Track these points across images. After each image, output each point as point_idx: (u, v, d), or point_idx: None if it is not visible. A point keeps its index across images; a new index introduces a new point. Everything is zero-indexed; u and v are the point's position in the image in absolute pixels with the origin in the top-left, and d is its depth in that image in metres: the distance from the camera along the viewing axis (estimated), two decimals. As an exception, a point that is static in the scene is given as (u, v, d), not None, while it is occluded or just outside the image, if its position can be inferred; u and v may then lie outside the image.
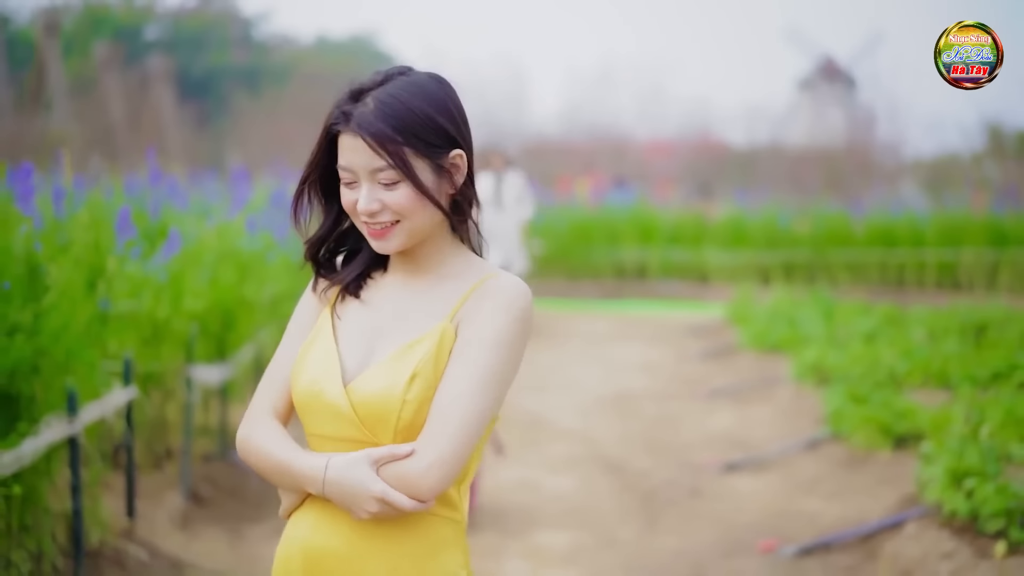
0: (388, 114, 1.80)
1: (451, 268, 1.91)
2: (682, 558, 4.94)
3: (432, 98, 1.83)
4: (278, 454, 1.84)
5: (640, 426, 7.65)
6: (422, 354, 1.81)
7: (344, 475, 1.76)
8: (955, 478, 4.66)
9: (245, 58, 40.75)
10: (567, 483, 6.18)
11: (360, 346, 1.88)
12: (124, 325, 4.81)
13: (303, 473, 1.80)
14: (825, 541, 4.98)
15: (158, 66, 30.37)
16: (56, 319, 3.72)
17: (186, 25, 40.74)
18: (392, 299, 1.92)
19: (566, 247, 16.71)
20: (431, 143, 1.82)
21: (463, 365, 1.80)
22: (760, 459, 6.53)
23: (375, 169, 1.80)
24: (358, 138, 1.80)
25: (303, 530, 1.86)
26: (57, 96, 25.02)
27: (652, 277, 16.66)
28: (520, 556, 4.90)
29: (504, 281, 1.86)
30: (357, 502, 1.76)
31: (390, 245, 1.86)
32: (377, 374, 1.82)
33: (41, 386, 3.73)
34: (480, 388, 1.79)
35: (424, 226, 1.86)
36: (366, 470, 1.75)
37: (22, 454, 3.38)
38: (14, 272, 3.71)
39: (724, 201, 20.85)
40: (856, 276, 15.93)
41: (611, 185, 23.71)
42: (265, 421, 1.89)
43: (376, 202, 1.82)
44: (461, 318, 1.84)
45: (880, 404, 6.46)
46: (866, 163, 25.15)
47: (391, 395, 1.79)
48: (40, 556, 3.74)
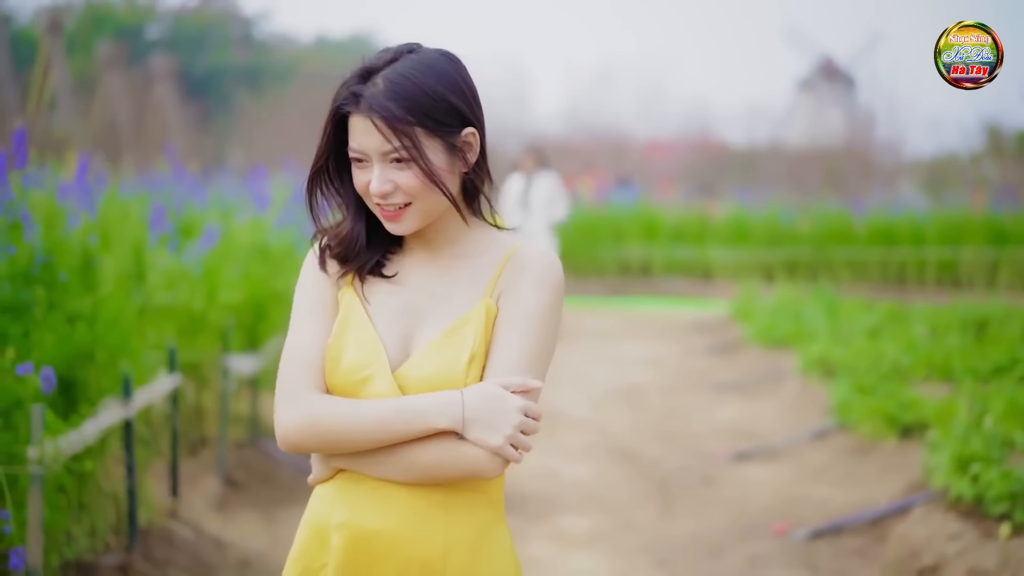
0: (399, 94, 1.77)
1: (473, 244, 1.90)
2: (699, 540, 5.15)
3: (443, 76, 1.81)
4: (382, 406, 1.76)
5: (650, 417, 7.86)
6: (473, 334, 1.80)
7: (483, 394, 1.75)
8: (960, 463, 4.86)
9: (246, 57, 40.91)
10: (584, 470, 6.39)
11: (397, 329, 1.85)
12: (162, 316, 5.02)
13: (432, 405, 1.75)
14: (836, 524, 5.19)
15: (161, 65, 30.52)
16: (111, 308, 3.92)
17: (187, 24, 40.89)
18: (421, 278, 1.89)
19: (572, 245, 16.92)
20: (443, 122, 1.80)
21: (513, 341, 1.80)
22: (769, 448, 6.74)
23: (385, 151, 1.78)
24: (368, 120, 1.77)
25: (343, 510, 1.81)
26: (61, 95, 25.20)
27: (656, 274, 16.88)
28: (544, 538, 5.11)
29: (533, 253, 1.87)
30: (502, 417, 1.73)
31: (403, 227, 1.84)
32: (428, 357, 1.80)
33: (95, 372, 3.92)
34: (531, 363, 1.80)
35: (437, 207, 1.84)
36: (502, 390, 1.75)
37: (85, 435, 3.58)
38: (70, 264, 3.91)
39: (725, 200, 21.06)
40: (857, 274, 16.15)
41: (613, 184, 23.91)
42: (322, 396, 1.81)
43: (388, 183, 1.80)
44: (500, 292, 1.84)
45: (886, 395, 6.67)
46: (865, 163, 25.31)
47: (451, 378, 1.78)
48: (93, 533, 3.95)
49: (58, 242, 3.86)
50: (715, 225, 17.28)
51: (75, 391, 3.83)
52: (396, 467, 1.77)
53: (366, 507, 1.79)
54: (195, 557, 4.20)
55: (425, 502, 1.78)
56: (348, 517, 1.79)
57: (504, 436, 1.73)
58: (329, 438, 1.78)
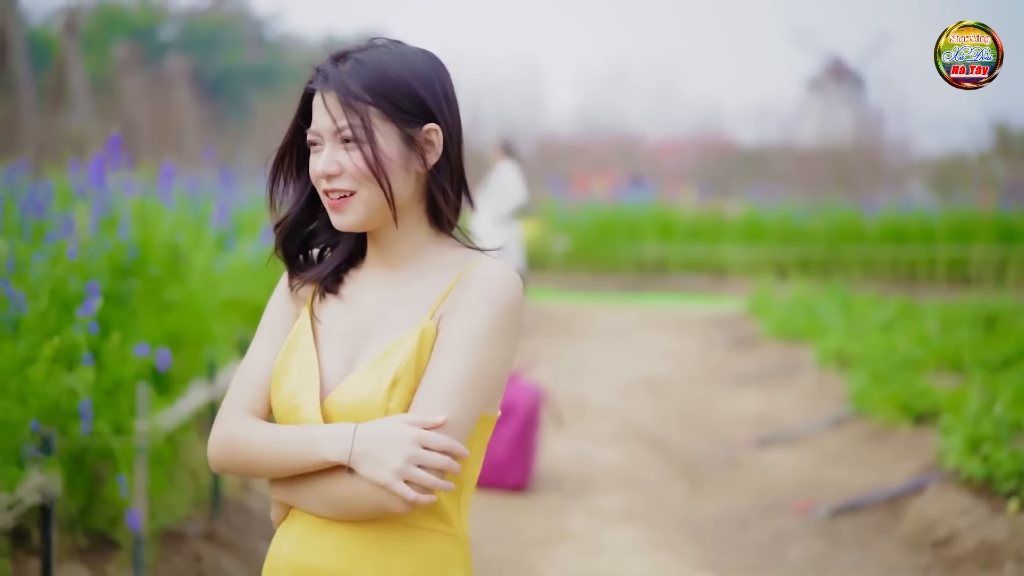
0: (362, 73, 1.71)
1: (432, 259, 1.78)
2: (727, 517, 5.53)
3: (414, 68, 1.74)
4: (285, 433, 1.70)
5: (673, 407, 8.24)
6: (402, 357, 1.68)
7: (378, 426, 1.64)
8: (972, 444, 5.22)
9: (258, 58, 41.29)
10: (614, 455, 6.77)
11: (342, 352, 1.76)
12: (229, 308, 5.40)
13: (325, 436, 1.66)
14: (855, 502, 5.56)
15: (177, 66, 30.92)
16: (197, 299, 4.31)
17: (199, 25, 41.28)
18: (373, 298, 1.79)
19: (588, 243, 17.34)
20: (403, 109, 1.71)
21: (444, 364, 1.68)
22: (789, 435, 7.11)
23: (336, 129, 1.71)
24: (326, 95, 1.72)
25: (288, 547, 1.75)
26: (79, 95, 25.60)
27: (672, 272, 17.28)
28: (582, 514, 5.49)
29: (488, 269, 1.73)
30: (390, 451, 1.61)
31: (347, 219, 1.73)
32: (356, 382, 1.71)
33: (184, 356, 4.31)
34: (463, 388, 1.66)
35: (380, 201, 1.73)
36: (399, 423, 1.64)
37: (180, 412, 3.97)
38: (160, 258, 4.29)
39: (737, 199, 21.42)
40: (869, 271, 16.52)
41: (626, 183, 24.28)
42: (246, 418, 1.76)
43: (334, 164, 1.71)
44: (443, 313, 1.72)
45: (900, 384, 7.03)
46: (875, 162, 25.62)
47: (372, 404, 1.68)
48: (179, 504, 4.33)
49: (149, 238, 4.25)
50: (729, 223, 17.68)
51: (166, 375, 4.21)
52: (316, 500, 1.71)
53: (306, 544, 1.73)
54: (270, 527, 4.59)
55: (363, 539, 1.69)
56: (290, 554, 1.74)
57: (392, 470, 1.60)
58: (244, 462, 1.74)
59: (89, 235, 3.73)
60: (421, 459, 1.61)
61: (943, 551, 4.78)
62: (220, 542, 4.26)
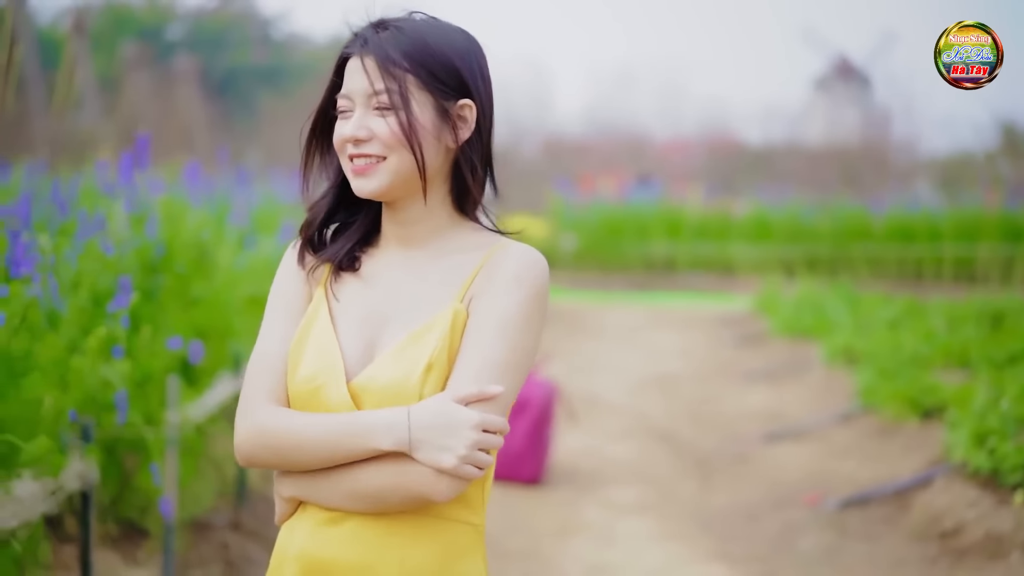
0: (402, 40, 1.69)
1: (453, 240, 1.76)
2: (737, 509, 5.64)
3: (453, 42, 1.73)
4: (329, 422, 1.65)
5: (683, 403, 8.35)
6: (436, 341, 1.66)
7: (433, 410, 1.61)
8: (978, 438, 5.32)
9: (264, 57, 41.43)
10: (626, 449, 6.88)
11: (362, 333, 1.72)
12: (249, 305, 5.52)
13: (378, 424, 1.62)
14: (864, 495, 5.66)
15: (184, 65, 31.06)
16: (223, 295, 4.43)
17: (206, 25, 41.42)
18: (393, 278, 1.76)
19: (596, 242, 17.47)
20: (440, 80, 1.70)
21: (478, 347, 1.66)
22: (798, 429, 7.21)
23: (371, 93, 1.69)
24: (361, 60, 1.70)
25: (299, 541, 1.70)
26: (87, 95, 25.75)
27: (680, 270, 17.40)
28: (597, 505, 5.61)
29: (515, 252, 1.72)
30: (455, 436, 1.59)
31: (370, 184, 1.70)
32: (386, 366, 1.67)
33: (210, 350, 4.43)
34: (499, 371, 1.65)
35: (408, 170, 1.70)
36: (455, 405, 1.61)
37: (207, 405, 4.08)
38: (187, 255, 4.41)
39: (744, 198, 21.52)
40: (876, 270, 16.62)
41: (633, 182, 24.38)
42: (275, 408, 1.70)
43: (364, 129, 1.69)
44: (472, 296, 1.70)
45: (908, 380, 7.13)
46: (881, 161, 25.69)
47: (406, 388, 1.65)
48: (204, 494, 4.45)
49: (176, 236, 4.37)
50: (737, 222, 17.80)
51: (194, 369, 4.33)
52: (339, 494, 1.66)
53: (320, 536, 1.69)
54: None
55: (382, 530, 1.66)
56: (302, 547, 1.70)
57: (458, 456, 1.59)
58: (279, 453, 1.68)
59: (121, 233, 3.84)
60: (484, 442, 1.61)
61: (950, 542, 4.89)
62: (245, 531, 4.38)
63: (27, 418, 2.59)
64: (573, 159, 28.62)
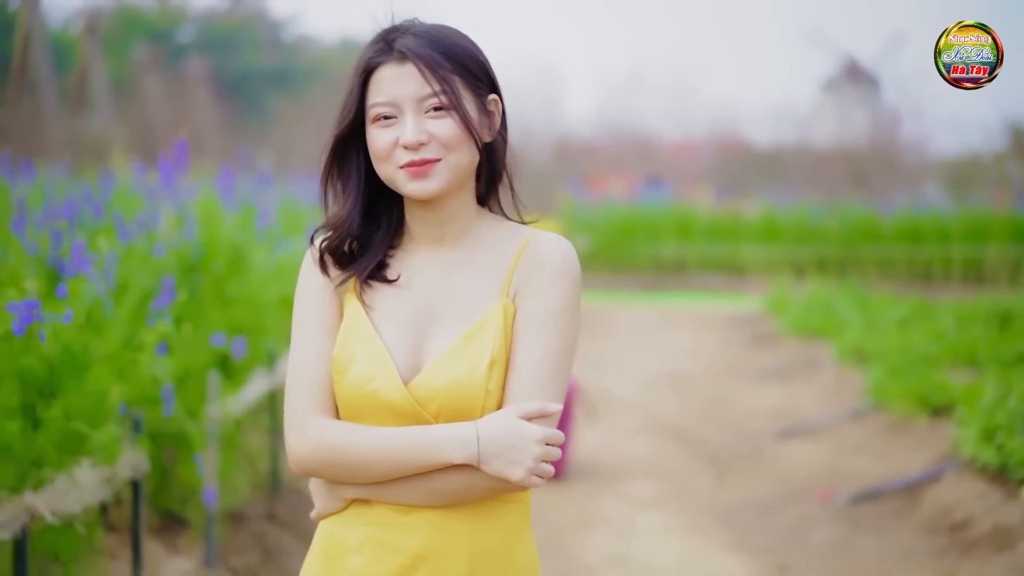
0: (437, 43, 1.72)
1: (482, 236, 1.80)
2: (752, 503, 5.80)
3: (470, 41, 1.78)
4: (398, 437, 1.69)
5: (696, 401, 8.51)
6: (493, 338, 1.72)
7: (499, 425, 1.68)
8: (986, 434, 5.47)
9: (274, 60, 41.60)
10: (641, 446, 7.04)
11: (407, 335, 1.75)
12: (280, 304, 5.69)
13: (448, 439, 1.68)
14: (874, 490, 5.81)
15: (196, 68, 31.24)
16: (258, 295, 4.60)
17: (217, 27, 41.62)
18: (428, 278, 1.79)
19: (607, 243, 17.64)
20: (477, 77, 1.75)
21: (536, 342, 1.73)
22: (810, 427, 7.37)
23: (423, 97, 1.71)
24: (406, 65, 1.71)
25: (364, 530, 1.74)
26: (100, 97, 25.93)
27: (690, 271, 17.56)
28: (615, 499, 5.77)
29: (549, 242, 1.78)
30: (522, 451, 1.67)
31: (430, 185, 1.72)
32: (445, 365, 1.71)
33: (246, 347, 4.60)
34: (557, 364, 1.74)
35: (467, 167, 1.75)
36: (520, 421, 1.68)
37: (245, 399, 4.25)
38: (223, 256, 4.58)
39: (753, 199, 21.66)
40: (885, 271, 16.76)
41: (643, 183, 24.53)
42: (331, 422, 1.73)
43: (424, 133, 1.70)
44: (516, 290, 1.75)
45: (917, 379, 7.28)
46: (890, 162, 25.79)
47: (471, 386, 1.70)
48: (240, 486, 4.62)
49: (213, 237, 4.54)
50: (746, 223, 17.96)
51: (230, 364, 4.50)
52: (419, 493, 1.72)
53: (388, 526, 1.73)
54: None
55: (451, 516, 1.73)
56: (369, 536, 1.73)
57: (525, 469, 1.67)
58: (342, 466, 1.71)
59: (165, 234, 4.02)
60: (548, 455, 1.69)
61: (959, 535, 5.04)
62: (280, 522, 4.55)
63: (92, 409, 2.76)
64: (583, 161, 28.78)
